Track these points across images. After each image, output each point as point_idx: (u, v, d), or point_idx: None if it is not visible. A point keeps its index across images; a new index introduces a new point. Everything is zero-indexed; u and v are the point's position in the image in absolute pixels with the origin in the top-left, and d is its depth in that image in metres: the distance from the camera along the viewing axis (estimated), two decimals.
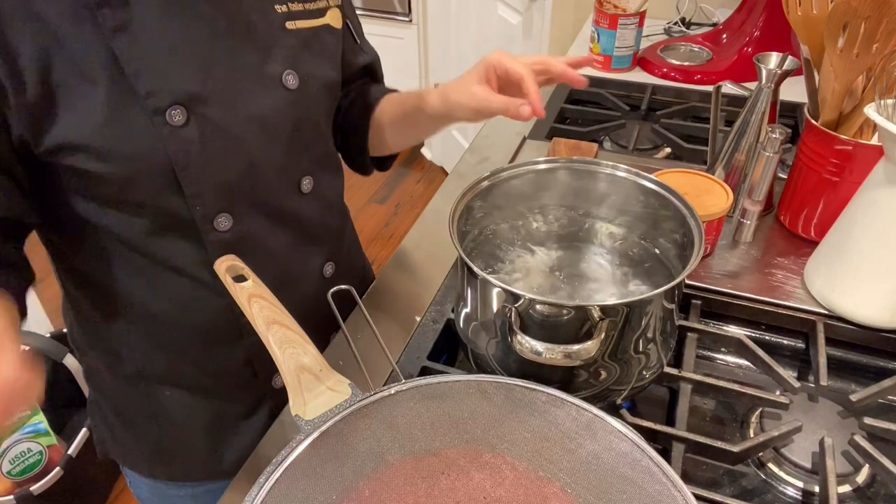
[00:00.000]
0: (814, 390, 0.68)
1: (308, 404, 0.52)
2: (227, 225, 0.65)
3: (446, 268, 0.86)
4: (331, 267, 0.80)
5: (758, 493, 0.62)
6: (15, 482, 1.48)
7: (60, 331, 1.76)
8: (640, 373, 0.61)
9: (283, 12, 0.66)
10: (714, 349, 0.78)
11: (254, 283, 0.60)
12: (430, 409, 0.53)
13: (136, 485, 0.84)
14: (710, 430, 0.68)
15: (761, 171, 0.80)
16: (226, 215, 0.65)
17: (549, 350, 0.53)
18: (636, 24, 1.36)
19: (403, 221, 2.71)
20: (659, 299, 0.57)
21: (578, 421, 0.51)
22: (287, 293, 0.61)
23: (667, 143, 1.14)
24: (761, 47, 1.31)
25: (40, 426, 1.53)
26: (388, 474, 0.51)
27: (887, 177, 0.67)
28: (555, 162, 0.70)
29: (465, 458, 0.53)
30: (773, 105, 0.84)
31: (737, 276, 0.81)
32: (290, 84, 0.66)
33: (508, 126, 1.18)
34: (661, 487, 0.46)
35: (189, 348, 0.72)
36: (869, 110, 0.65)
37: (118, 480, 1.76)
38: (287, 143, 0.68)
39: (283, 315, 0.58)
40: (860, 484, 0.62)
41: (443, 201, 1.01)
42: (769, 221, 0.90)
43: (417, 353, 0.73)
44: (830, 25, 0.72)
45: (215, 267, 0.62)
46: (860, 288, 0.71)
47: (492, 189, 0.68)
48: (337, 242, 0.82)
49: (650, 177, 0.67)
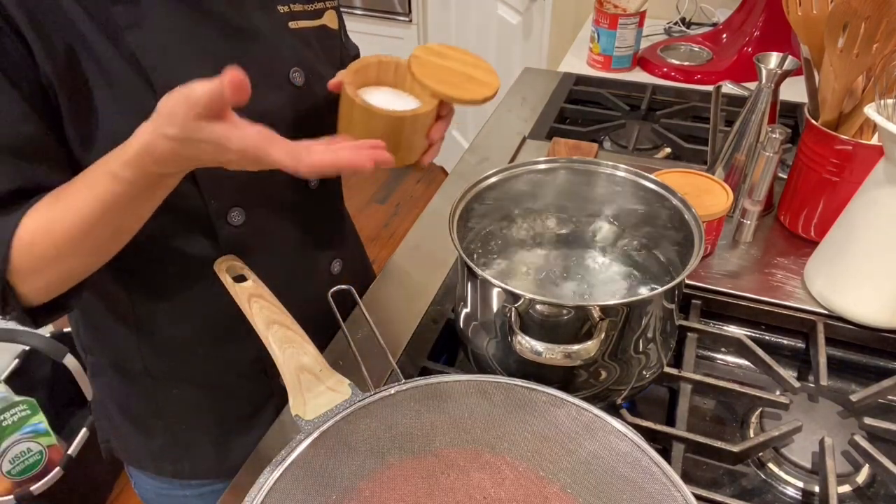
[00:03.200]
0: (814, 390, 0.68)
1: (308, 404, 0.52)
2: (240, 220, 0.66)
3: (446, 268, 0.86)
4: (338, 264, 0.81)
5: (758, 493, 0.62)
6: (15, 482, 1.48)
7: (60, 331, 1.76)
8: (640, 373, 0.61)
9: (286, 12, 0.67)
10: (714, 349, 0.78)
11: (254, 283, 0.60)
12: (430, 409, 0.53)
13: (140, 485, 0.84)
14: (710, 430, 0.68)
15: (761, 171, 0.80)
16: (238, 209, 0.66)
17: (549, 350, 0.53)
18: (636, 23, 1.36)
19: (403, 221, 2.71)
20: (659, 299, 0.57)
21: (578, 421, 0.51)
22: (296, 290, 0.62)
23: (667, 143, 1.14)
24: (761, 47, 1.31)
25: (40, 426, 1.53)
26: (388, 474, 0.51)
27: (887, 177, 0.67)
28: (555, 162, 0.70)
29: (465, 458, 0.53)
30: (773, 105, 0.84)
31: (737, 276, 0.81)
32: (297, 81, 0.67)
33: (508, 126, 1.18)
34: (661, 487, 0.46)
35: (197, 346, 0.72)
36: (869, 110, 0.65)
37: (118, 480, 1.76)
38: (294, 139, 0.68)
39: (283, 315, 0.58)
40: (860, 484, 0.62)
41: (443, 201, 1.01)
42: (769, 221, 0.90)
43: (417, 353, 0.73)
44: (830, 25, 0.72)
45: (215, 267, 0.63)
46: (860, 288, 0.71)
47: (492, 189, 0.68)
48: (342, 240, 0.83)
49: (650, 177, 0.67)
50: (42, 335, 1.60)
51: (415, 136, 0.62)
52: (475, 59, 0.66)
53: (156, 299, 0.69)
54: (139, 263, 0.65)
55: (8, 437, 1.48)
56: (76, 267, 0.58)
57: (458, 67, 0.64)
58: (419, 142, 0.63)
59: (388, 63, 0.64)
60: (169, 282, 0.67)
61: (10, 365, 1.69)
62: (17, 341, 1.55)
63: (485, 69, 0.66)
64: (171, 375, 0.74)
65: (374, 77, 0.64)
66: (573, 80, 1.33)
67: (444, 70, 0.63)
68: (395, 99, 0.64)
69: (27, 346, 1.61)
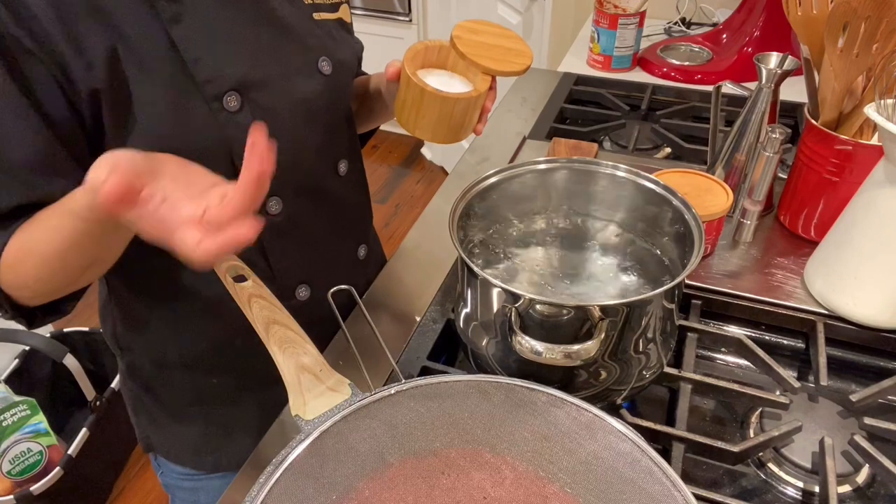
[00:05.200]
0: (814, 390, 0.68)
1: (308, 404, 0.52)
2: (278, 209, 0.68)
3: (446, 268, 0.86)
4: (363, 249, 0.84)
5: (758, 493, 0.62)
6: (15, 482, 1.48)
7: (60, 331, 1.76)
8: (640, 373, 0.61)
9: (310, 3, 0.70)
10: (714, 349, 0.78)
11: (254, 283, 0.60)
12: (430, 409, 0.53)
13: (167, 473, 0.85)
14: (710, 430, 0.68)
15: (761, 171, 0.80)
16: (276, 199, 0.68)
17: (549, 350, 0.53)
18: (636, 24, 1.36)
19: (403, 221, 2.71)
20: (659, 299, 0.57)
21: (578, 421, 0.51)
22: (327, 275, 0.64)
23: (667, 143, 1.14)
24: (761, 47, 1.31)
25: (40, 426, 1.53)
26: (388, 474, 0.51)
27: (887, 177, 0.67)
28: (555, 162, 0.70)
29: (465, 458, 0.53)
30: (773, 105, 0.84)
31: (737, 276, 0.81)
32: (326, 70, 0.69)
33: (508, 126, 1.18)
34: (661, 487, 0.46)
35: (236, 336, 0.72)
36: (869, 110, 0.65)
37: (118, 480, 1.76)
38: (325, 127, 0.71)
39: (283, 315, 0.58)
40: (860, 484, 0.62)
41: (443, 201, 1.01)
42: (769, 221, 0.90)
43: (417, 353, 0.73)
44: (830, 25, 0.72)
45: (215, 267, 0.62)
46: (860, 288, 0.71)
47: (492, 189, 0.68)
48: (367, 226, 0.87)
49: (650, 177, 0.67)
50: (42, 335, 1.60)
51: (475, 112, 0.68)
52: (503, 29, 0.71)
53: (194, 292, 0.70)
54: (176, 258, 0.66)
55: (8, 437, 1.48)
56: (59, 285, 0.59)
57: (494, 41, 0.69)
58: (476, 116, 0.69)
59: (433, 47, 0.68)
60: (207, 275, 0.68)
61: (10, 365, 1.69)
62: (17, 341, 1.55)
63: (515, 39, 0.70)
64: (210, 366, 0.75)
65: (421, 62, 0.68)
66: (573, 80, 1.33)
67: (484, 46, 0.68)
68: (449, 79, 0.68)
69: (27, 346, 1.61)
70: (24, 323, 0.61)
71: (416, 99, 0.64)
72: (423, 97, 0.63)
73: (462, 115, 0.66)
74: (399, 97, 0.67)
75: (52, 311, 0.62)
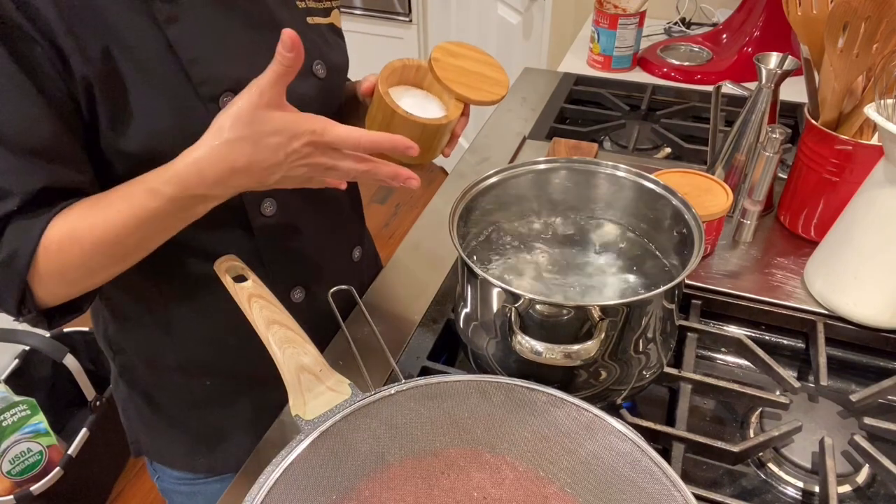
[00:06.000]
0: (814, 390, 0.68)
1: (308, 404, 0.52)
2: (272, 210, 0.68)
3: (446, 268, 0.86)
4: (358, 251, 0.84)
5: (758, 493, 0.62)
6: (15, 482, 1.48)
7: (61, 331, 1.76)
8: (640, 373, 0.61)
9: (303, 8, 0.70)
10: (714, 349, 0.78)
11: (253, 283, 0.60)
12: (430, 409, 0.53)
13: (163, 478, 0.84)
14: (710, 430, 0.68)
15: (761, 171, 0.80)
16: (270, 200, 0.68)
17: (549, 350, 0.53)
18: (636, 24, 1.36)
19: (403, 221, 2.71)
20: (659, 299, 0.57)
21: (578, 421, 0.51)
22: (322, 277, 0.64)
23: (667, 143, 1.14)
24: (761, 47, 1.32)
25: (40, 426, 1.53)
26: (388, 474, 0.51)
27: (887, 177, 0.67)
28: (555, 162, 0.70)
29: (465, 458, 0.53)
30: (773, 105, 0.84)
31: (737, 276, 0.81)
32: (320, 73, 0.70)
33: (508, 126, 1.18)
34: (661, 487, 0.46)
35: (230, 337, 0.72)
36: (869, 110, 0.65)
37: (118, 480, 1.76)
38: None
39: (283, 315, 0.58)
40: (860, 484, 0.62)
41: (443, 201, 1.01)
42: (769, 221, 0.90)
43: (417, 353, 0.73)
44: (830, 25, 0.72)
45: (215, 267, 0.63)
46: (860, 288, 0.71)
47: (492, 189, 0.68)
48: (362, 228, 0.87)
49: (650, 177, 0.67)
50: (42, 335, 1.59)
51: (445, 136, 0.69)
52: (484, 55, 0.71)
53: (187, 292, 0.70)
54: (172, 257, 0.66)
55: (8, 437, 1.47)
56: (98, 274, 0.59)
57: (472, 67, 0.69)
58: (446, 140, 0.70)
59: (410, 66, 0.69)
60: (200, 275, 0.68)
61: (10, 365, 1.69)
62: (17, 341, 1.55)
63: (494, 66, 0.71)
64: (204, 368, 0.74)
65: (397, 79, 0.69)
66: (573, 80, 1.33)
67: (461, 71, 0.68)
68: (423, 99, 0.69)
69: (27, 346, 1.61)
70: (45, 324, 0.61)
71: (386, 118, 0.64)
72: (393, 118, 0.64)
73: (430, 139, 0.66)
74: (370, 113, 0.67)
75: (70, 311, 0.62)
